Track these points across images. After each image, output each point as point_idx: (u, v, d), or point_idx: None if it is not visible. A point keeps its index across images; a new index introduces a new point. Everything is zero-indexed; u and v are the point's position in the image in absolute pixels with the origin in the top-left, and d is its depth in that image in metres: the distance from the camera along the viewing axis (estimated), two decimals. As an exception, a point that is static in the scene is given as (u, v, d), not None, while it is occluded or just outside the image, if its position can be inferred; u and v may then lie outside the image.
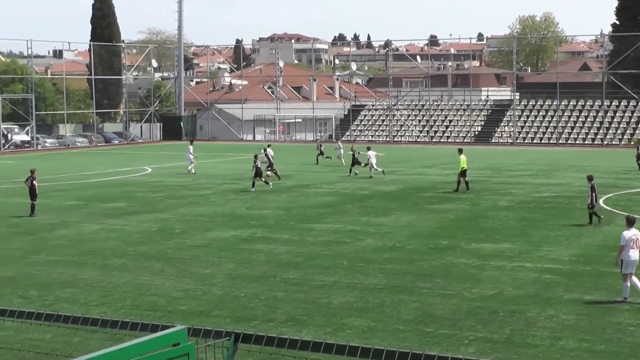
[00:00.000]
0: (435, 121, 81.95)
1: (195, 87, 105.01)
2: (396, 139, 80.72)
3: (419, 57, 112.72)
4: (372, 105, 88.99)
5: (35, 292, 19.35)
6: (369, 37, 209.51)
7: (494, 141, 77.11)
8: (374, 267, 21.61)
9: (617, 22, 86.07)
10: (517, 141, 75.97)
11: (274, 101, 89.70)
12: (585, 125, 76.15)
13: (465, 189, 37.37)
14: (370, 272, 21.06)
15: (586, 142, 74.10)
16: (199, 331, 5.77)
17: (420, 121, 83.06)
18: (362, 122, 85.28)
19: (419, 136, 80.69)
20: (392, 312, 17.17)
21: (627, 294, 17.67)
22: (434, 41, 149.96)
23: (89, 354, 4.94)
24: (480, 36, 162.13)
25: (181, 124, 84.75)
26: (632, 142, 68.20)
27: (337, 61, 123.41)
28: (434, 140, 79.31)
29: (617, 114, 76.00)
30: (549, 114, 78.38)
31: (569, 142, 74.50)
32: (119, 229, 28.59)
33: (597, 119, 76.16)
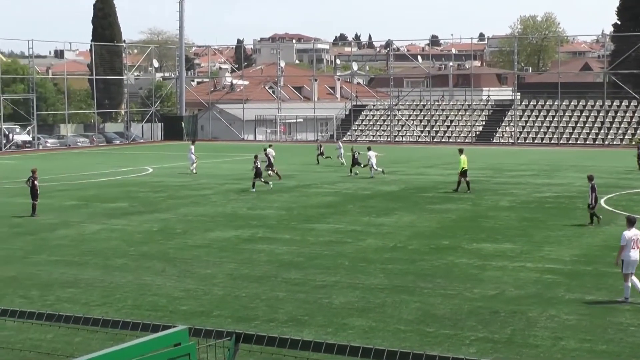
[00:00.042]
0: (436, 121, 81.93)
1: (196, 87, 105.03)
2: (397, 139, 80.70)
3: (420, 57, 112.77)
4: (373, 105, 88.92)
5: (36, 292, 19.36)
6: (370, 37, 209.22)
7: (495, 141, 77.09)
8: (375, 267, 21.61)
9: (619, 22, 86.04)
10: (518, 141, 75.95)
11: (275, 101, 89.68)
12: (586, 125, 76.13)
13: (466, 189, 37.37)
14: (371, 272, 21.06)
15: (587, 142, 74.07)
16: (200, 331, 5.77)
17: (421, 121, 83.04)
18: (363, 122, 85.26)
19: (420, 136, 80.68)
20: (394, 312, 17.17)
21: (628, 294, 17.68)
22: (435, 41, 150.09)
23: (90, 354, 4.94)
24: (481, 36, 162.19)
25: (182, 124, 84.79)
26: (633, 142, 68.17)
27: (338, 61, 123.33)
28: (435, 140, 79.29)
29: (618, 114, 75.97)
30: (550, 114, 78.35)
31: (570, 142, 74.47)
32: (120, 229, 28.60)
33: (598, 119, 76.13)
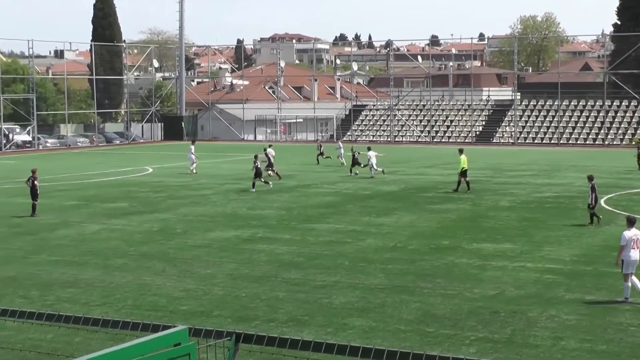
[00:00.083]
0: (436, 121, 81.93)
1: (196, 87, 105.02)
2: (397, 139, 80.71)
3: (420, 57, 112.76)
4: (373, 105, 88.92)
5: (36, 292, 19.36)
6: (370, 37, 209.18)
7: (495, 141, 77.09)
8: (375, 267, 21.61)
9: (619, 22, 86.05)
10: (518, 141, 75.95)
11: (275, 101, 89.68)
12: (586, 125, 76.13)
13: (466, 189, 37.37)
14: (371, 272, 21.06)
15: (587, 142, 74.07)
16: (200, 331, 5.77)
17: (421, 121, 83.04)
18: (363, 122, 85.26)
19: (420, 136, 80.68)
20: (394, 312, 17.17)
21: (628, 294, 17.69)
22: (435, 41, 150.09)
23: (90, 354, 4.94)
24: (481, 36, 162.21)
25: (182, 124, 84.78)
26: (633, 142, 68.16)
27: (338, 61, 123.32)
28: (435, 140, 79.29)
29: (618, 114, 75.97)
30: (550, 114, 78.35)
31: (570, 142, 74.47)
32: (120, 229, 28.60)
33: (598, 119, 76.12)
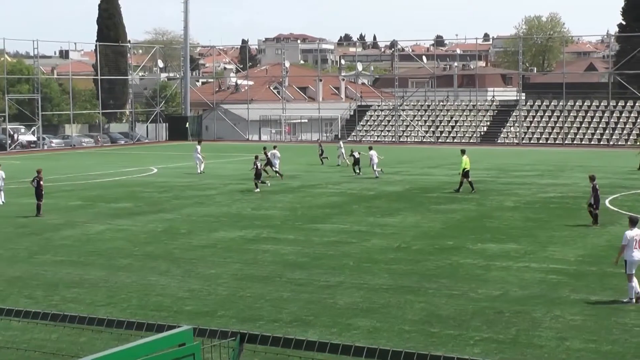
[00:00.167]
0: (441, 121, 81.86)
1: (201, 88, 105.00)
2: (402, 140, 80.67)
3: (424, 58, 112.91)
4: (378, 105, 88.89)
5: (41, 292, 19.39)
6: (374, 38, 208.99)
7: (499, 141, 77.00)
8: (379, 268, 21.60)
9: (624, 23, 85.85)
10: (523, 141, 75.87)
11: (279, 101, 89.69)
12: (591, 125, 76.00)
13: (470, 189, 37.33)
14: (376, 272, 21.06)
15: (592, 142, 73.95)
16: (204, 331, 5.77)
17: (426, 121, 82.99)
18: (368, 123, 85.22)
19: (424, 136, 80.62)
20: (398, 313, 17.17)
21: (632, 295, 17.67)
22: (440, 41, 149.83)
23: (95, 354, 4.95)
24: (486, 36, 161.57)
25: (186, 125, 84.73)
26: (638, 143, 68.01)
27: (343, 61, 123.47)
28: (439, 140, 79.22)
29: (623, 115, 75.84)
30: (555, 114, 78.26)
31: (575, 142, 74.36)
32: (125, 229, 28.63)
33: (603, 120, 75.99)
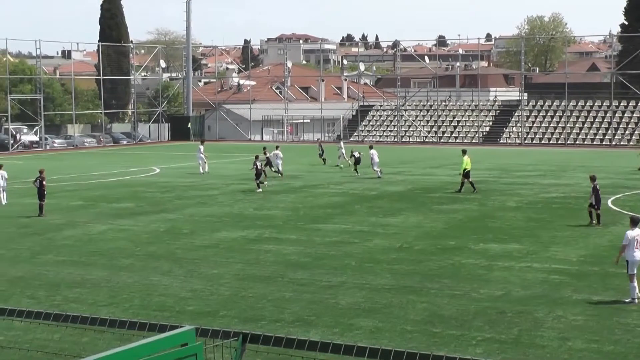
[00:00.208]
0: (443, 121, 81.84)
1: (203, 88, 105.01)
2: (404, 140, 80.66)
3: (427, 58, 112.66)
4: (380, 105, 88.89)
5: (43, 292, 19.41)
6: (377, 38, 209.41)
7: (502, 141, 76.96)
8: (381, 268, 21.60)
9: (626, 23, 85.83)
10: (525, 141, 75.83)
11: (282, 101, 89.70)
12: (593, 125, 75.94)
13: (471, 189, 37.31)
14: (378, 272, 21.06)
15: (594, 142, 73.90)
16: (207, 331, 5.77)
17: (428, 121, 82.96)
18: (370, 123, 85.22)
19: (427, 136, 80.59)
20: (400, 313, 17.17)
21: (634, 295, 17.67)
22: (442, 41, 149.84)
23: (98, 354, 4.95)
24: (488, 36, 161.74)
25: (189, 125, 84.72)
26: (639, 143, 67.91)
27: (345, 61, 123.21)
28: (442, 140, 79.20)
29: (625, 115, 75.80)
30: (557, 114, 78.20)
31: (577, 142, 74.30)
32: (127, 229, 28.65)
33: (605, 120, 75.95)
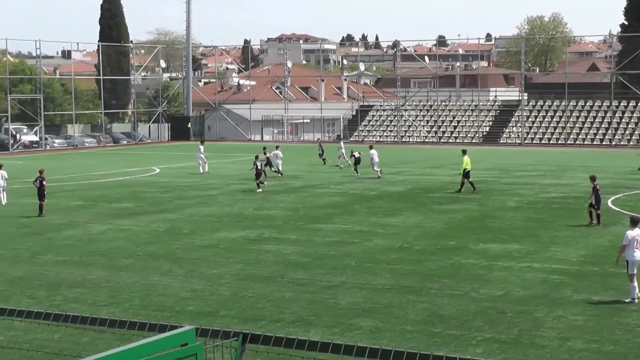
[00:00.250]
0: (443, 121, 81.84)
1: (203, 88, 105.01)
2: (404, 140, 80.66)
3: (427, 58, 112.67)
4: (380, 105, 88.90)
5: (43, 292, 19.41)
6: (377, 38, 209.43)
7: (502, 141, 76.97)
8: (382, 268, 21.61)
9: (626, 23, 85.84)
10: (525, 142, 75.83)
11: (282, 101, 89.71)
12: (593, 125, 75.94)
13: (471, 189, 37.31)
14: (378, 272, 21.06)
15: (594, 142, 73.91)
16: (207, 331, 5.78)
17: (428, 121, 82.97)
18: (370, 123, 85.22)
19: (427, 136, 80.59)
20: (400, 313, 17.17)
21: (634, 295, 17.67)
22: (442, 41, 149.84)
23: (98, 354, 4.95)
24: (488, 36, 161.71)
25: (189, 125, 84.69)
26: (639, 143, 67.91)
27: (345, 61, 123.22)
28: (442, 140, 79.21)
29: (625, 115, 75.80)
30: (557, 114, 78.21)
31: (577, 142, 74.30)
32: (127, 229, 28.65)
33: (605, 120, 75.95)
